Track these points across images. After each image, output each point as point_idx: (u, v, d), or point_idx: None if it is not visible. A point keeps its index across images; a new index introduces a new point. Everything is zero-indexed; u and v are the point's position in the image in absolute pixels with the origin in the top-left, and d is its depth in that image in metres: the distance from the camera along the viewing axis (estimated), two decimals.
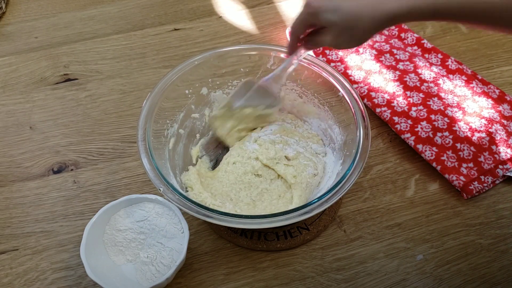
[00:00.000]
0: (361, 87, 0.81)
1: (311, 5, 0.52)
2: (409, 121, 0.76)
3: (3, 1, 0.99)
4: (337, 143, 0.69)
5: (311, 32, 0.58)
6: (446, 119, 0.76)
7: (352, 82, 0.82)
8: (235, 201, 0.66)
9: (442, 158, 0.72)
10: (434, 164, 0.72)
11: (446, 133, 0.74)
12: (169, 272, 0.58)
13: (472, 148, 0.73)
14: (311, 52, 0.87)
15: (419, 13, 0.48)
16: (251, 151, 0.69)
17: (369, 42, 0.87)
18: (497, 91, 0.80)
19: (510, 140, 0.73)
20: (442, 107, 0.77)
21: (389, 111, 0.77)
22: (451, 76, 0.82)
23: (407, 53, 0.86)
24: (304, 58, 0.68)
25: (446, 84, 0.81)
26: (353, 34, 0.52)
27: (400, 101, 0.78)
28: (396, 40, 0.89)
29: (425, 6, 0.47)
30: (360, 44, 0.54)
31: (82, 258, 0.58)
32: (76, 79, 0.87)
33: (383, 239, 0.67)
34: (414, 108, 0.77)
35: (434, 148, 0.73)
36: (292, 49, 0.62)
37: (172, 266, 0.59)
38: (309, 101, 0.74)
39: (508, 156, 0.72)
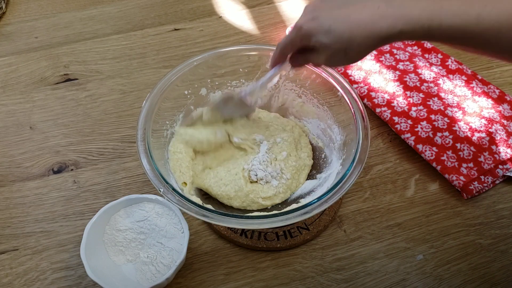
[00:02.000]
0: (361, 87, 0.81)
1: (303, 28, 0.51)
2: (409, 121, 0.76)
3: (3, 1, 0.99)
4: (336, 143, 0.69)
5: (300, 49, 0.57)
6: (446, 119, 0.76)
7: (352, 82, 0.82)
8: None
9: (442, 158, 0.72)
10: (434, 164, 0.72)
11: (446, 133, 0.74)
12: (169, 272, 0.58)
13: (472, 148, 0.73)
14: None
15: (412, 34, 0.48)
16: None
17: None
18: (497, 91, 0.80)
19: (510, 140, 0.73)
20: (442, 107, 0.77)
21: (389, 111, 0.77)
22: (451, 76, 0.82)
23: (407, 53, 0.86)
24: None
25: (446, 84, 0.81)
26: (347, 54, 0.51)
27: (400, 101, 0.78)
28: None
29: (418, 27, 0.47)
30: (354, 62, 0.54)
31: (82, 258, 0.58)
32: (76, 79, 0.87)
33: (383, 239, 0.67)
34: (414, 108, 0.77)
35: (434, 148, 0.73)
36: (275, 63, 0.61)
37: (172, 266, 0.59)
38: (308, 101, 0.74)
39: (508, 156, 0.72)
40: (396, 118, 0.76)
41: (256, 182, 0.67)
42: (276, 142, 0.71)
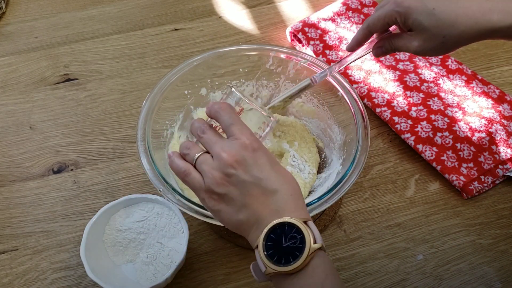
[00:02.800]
0: (361, 87, 0.81)
1: (403, 4, 0.47)
2: (409, 121, 0.76)
3: (3, 1, 0.99)
4: (336, 143, 0.69)
5: (391, 33, 0.52)
6: (446, 119, 0.76)
7: (352, 82, 0.82)
8: None
9: (442, 158, 0.72)
10: (434, 164, 0.72)
11: (446, 133, 0.74)
12: (169, 272, 0.58)
13: (472, 148, 0.73)
14: (311, 52, 0.87)
15: None
16: None
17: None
18: (497, 91, 0.80)
19: (510, 140, 0.73)
20: (442, 107, 0.77)
21: (389, 111, 0.77)
22: (451, 76, 0.82)
23: (406, 53, 0.86)
24: (303, 58, 0.68)
25: (446, 84, 0.81)
26: (445, 42, 0.47)
27: (400, 101, 0.78)
28: None
29: None
30: (447, 53, 0.50)
31: (82, 258, 0.58)
32: (76, 79, 0.87)
33: (383, 239, 0.67)
34: (414, 108, 0.77)
35: (434, 148, 0.73)
36: (357, 44, 0.55)
37: (172, 266, 0.59)
38: (308, 101, 0.74)
39: (508, 156, 0.72)
40: (396, 118, 0.76)
41: None
42: (276, 135, 0.72)
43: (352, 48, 0.56)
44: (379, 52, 0.55)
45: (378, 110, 0.78)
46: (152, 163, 0.60)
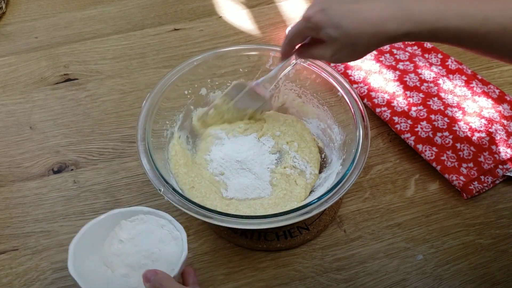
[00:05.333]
0: (361, 87, 0.81)
1: (311, 20, 0.51)
2: (409, 121, 0.76)
3: (3, 1, 0.99)
4: (336, 143, 0.69)
5: (307, 43, 0.58)
6: (446, 119, 0.76)
7: (352, 82, 0.82)
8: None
9: (442, 158, 0.72)
10: (434, 164, 0.72)
11: (446, 133, 0.74)
12: (173, 272, 0.53)
13: (472, 148, 0.73)
14: None
15: (418, 35, 0.49)
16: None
17: None
18: (497, 91, 0.80)
19: (510, 140, 0.73)
20: (442, 107, 0.77)
21: (389, 111, 0.77)
22: (451, 76, 0.82)
23: (407, 53, 0.86)
24: None
25: (446, 84, 0.81)
26: (354, 50, 0.51)
27: (400, 101, 0.78)
28: None
29: (425, 29, 0.48)
30: (359, 58, 0.54)
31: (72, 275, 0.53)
32: (76, 79, 0.87)
33: (383, 239, 0.67)
34: (414, 108, 0.77)
35: (434, 148, 0.73)
36: (285, 55, 0.61)
37: (176, 267, 0.54)
38: (308, 101, 0.74)
39: (508, 156, 0.72)
40: (396, 118, 0.76)
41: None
42: (275, 135, 0.72)
43: (282, 58, 0.62)
44: (300, 56, 0.61)
45: (378, 110, 0.78)
46: (152, 163, 0.60)
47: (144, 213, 0.59)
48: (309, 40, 0.58)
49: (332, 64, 0.84)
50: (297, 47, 0.60)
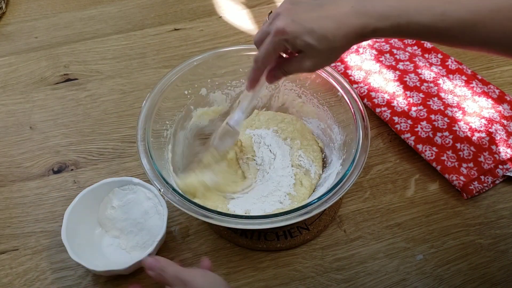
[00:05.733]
0: (361, 87, 0.81)
1: (286, 30, 0.50)
2: (409, 121, 0.76)
3: (3, 1, 0.99)
4: (336, 143, 0.69)
5: (280, 60, 0.56)
6: (446, 119, 0.76)
7: (352, 82, 0.82)
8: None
9: (442, 158, 0.72)
10: (434, 164, 0.72)
11: (446, 133, 0.74)
12: (150, 248, 0.60)
13: (472, 148, 0.73)
14: None
15: (384, 31, 0.49)
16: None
17: (369, 42, 0.87)
18: (497, 91, 0.80)
19: (510, 140, 0.73)
20: (442, 107, 0.77)
21: (389, 111, 0.77)
22: (451, 76, 0.82)
23: (407, 53, 0.86)
24: None
25: (446, 84, 0.81)
26: (331, 53, 0.52)
27: (400, 101, 0.78)
28: (396, 40, 0.89)
29: (389, 25, 0.49)
30: (333, 62, 0.55)
31: (63, 241, 0.60)
32: (76, 79, 0.87)
33: (383, 239, 0.67)
34: (414, 108, 0.77)
35: (434, 148, 0.73)
36: (254, 83, 0.59)
37: (153, 243, 0.60)
38: (308, 101, 0.74)
39: (508, 156, 0.72)
40: (396, 118, 0.76)
41: None
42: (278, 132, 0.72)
43: (251, 87, 0.59)
44: (273, 80, 0.58)
45: (378, 110, 0.78)
46: (152, 163, 0.60)
47: (134, 183, 0.65)
48: (275, 63, 0.56)
49: (332, 64, 0.84)
50: (265, 71, 0.57)
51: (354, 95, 0.66)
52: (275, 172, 0.69)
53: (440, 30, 0.48)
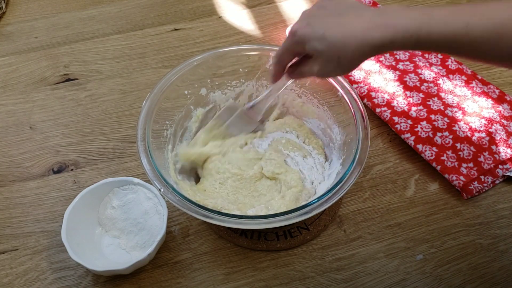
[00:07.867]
0: (361, 87, 0.81)
1: (297, 33, 0.51)
2: (409, 121, 0.76)
3: (3, 1, 0.99)
4: (336, 143, 0.69)
5: (296, 62, 0.57)
6: (446, 119, 0.76)
7: (352, 82, 0.82)
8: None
9: (442, 158, 0.72)
10: (434, 164, 0.72)
11: (446, 133, 0.74)
12: (150, 248, 0.60)
13: (472, 148, 0.73)
14: None
15: (402, 43, 0.48)
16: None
17: None
18: (497, 91, 0.80)
19: (510, 140, 0.73)
20: (442, 107, 0.77)
21: (389, 111, 0.77)
22: (451, 76, 0.82)
23: (407, 53, 0.86)
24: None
25: (446, 84, 0.81)
26: (340, 62, 0.51)
27: (400, 101, 0.78)
28: None
29: (408, 36, 0.48)
30: (347, 72, 0.54)
31: (63, 241, 0.60)
32: (76, 79, 0.87)
33: (383, 239, 0.67)
34: (414, 108, 0.77)
35: (434, 148, 0.73)
36: (276, 78, 0.60)
37: (153, 243, 0.61)
38: (308, 101, 0.74)
39: (508, 156, 0.72)
40: (396, 118, 0.76)
41: None
42: (281, 142, 0.72)
43: (273, 81, 0.61)
44: (292, 76, 0.60)
45: (378, 110, 0.78)
46: (152, 163, 0.60)
47: (134, 183, 0.66)
48: (297, 60, 0.57)
49: None
50: (287, 67, 0.59)
51: (354, 95, 0.66)
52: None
53: (463, 43, 0.47)
